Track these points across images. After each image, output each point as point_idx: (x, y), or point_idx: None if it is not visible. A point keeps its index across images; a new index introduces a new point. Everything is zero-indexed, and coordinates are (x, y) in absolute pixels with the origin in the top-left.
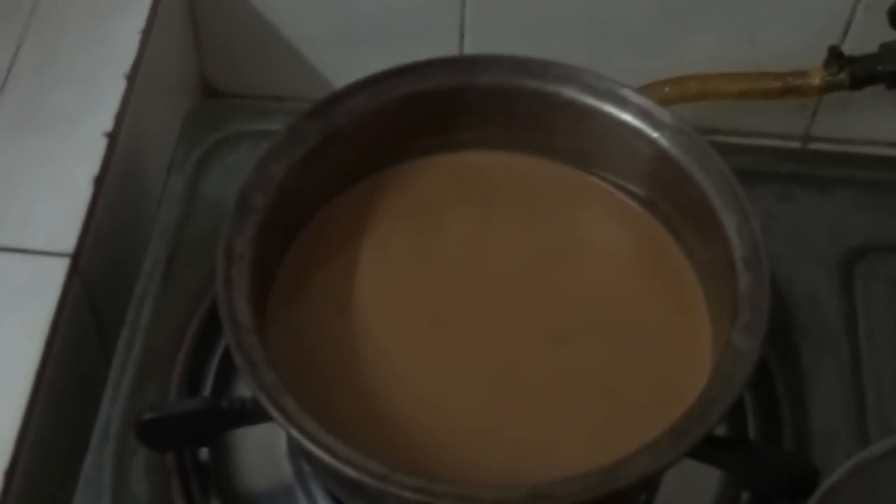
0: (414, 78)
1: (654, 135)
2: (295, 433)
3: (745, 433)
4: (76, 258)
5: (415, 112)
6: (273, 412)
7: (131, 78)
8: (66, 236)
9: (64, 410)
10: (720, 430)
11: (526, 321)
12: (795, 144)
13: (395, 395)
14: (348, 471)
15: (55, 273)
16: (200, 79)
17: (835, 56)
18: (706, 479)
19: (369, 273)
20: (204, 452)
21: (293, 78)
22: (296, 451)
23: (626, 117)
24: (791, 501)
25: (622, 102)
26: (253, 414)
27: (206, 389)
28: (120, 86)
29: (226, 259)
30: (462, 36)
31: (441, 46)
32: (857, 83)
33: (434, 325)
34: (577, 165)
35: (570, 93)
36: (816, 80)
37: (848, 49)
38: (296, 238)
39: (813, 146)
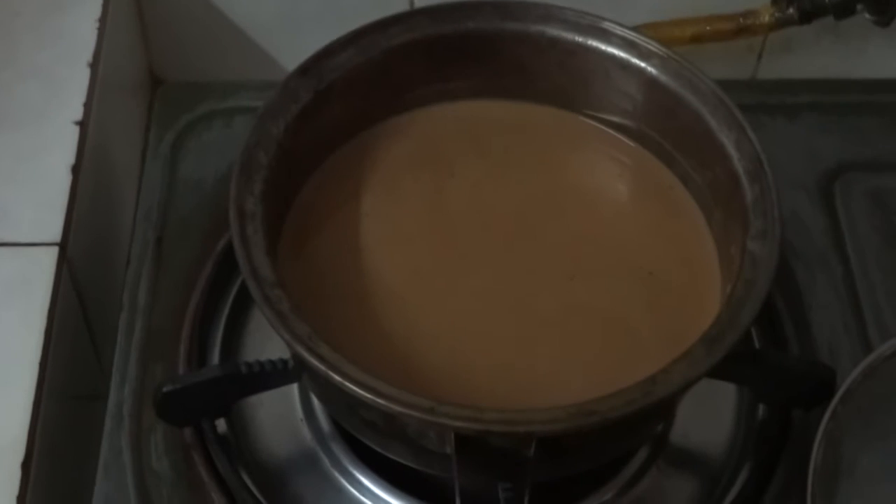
0: (399, 29)
1: (643, 64)
2: (337, 378)
3: (753, 347)
4: (63, 247)
5: (404, 64)
6: (312, 361)
7: (94, 67)
8: (51, 226)
9: (67, 399)
10: None
11: (534, 261)
12: None
13: (408, 334)
14: (395, 408)
15: (44, 263)
16: (147, 69)
17: None
18: (720, 404)
19: (377, 219)
20: (221, 425)
21: (242, 63)
22: (313, 412)
23: (613, 50)
24: (808, 408)
25: (607, 36)
26: (272, 376)
27: (213, 363)
28: (84, 75)
29: (239, 217)
30: (412, 5)
31: None
32: (806, 17)
33: (445, 266)
34: (566, 107)
35: (554, 31)
36: (766, 18)
37: None
38: (301, 191)
39: None
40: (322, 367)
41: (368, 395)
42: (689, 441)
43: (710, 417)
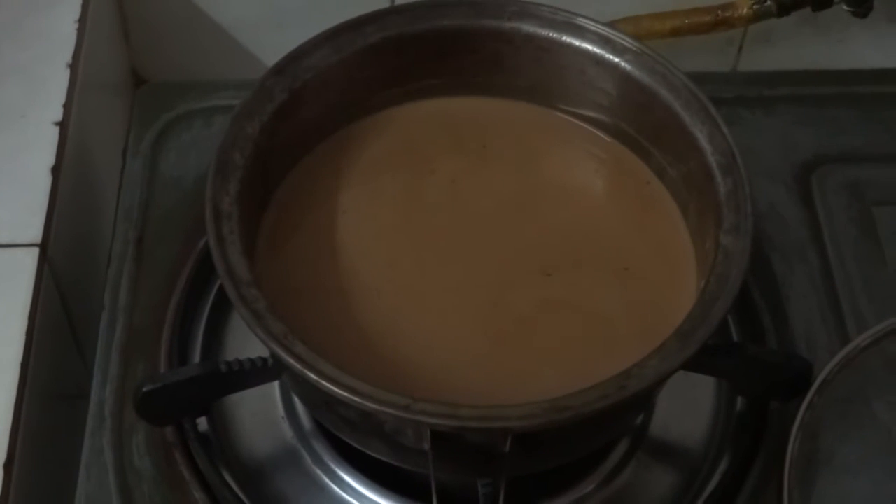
0: (374, 28)
1: (617, 60)
2: (313, 377)
3: (730, 340)
4: (44, 247)
5: (379, 62)
6: (288, 359)
7: (73, 68)
8: (32, 227)
9: (50, 400)
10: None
11: (511, 256)
12: None
13: (385, 330)
14: (371, 405)
15: (25, 264)
16: (130, 70)
17: None
18: (699, 397)
19: (355, 216)
20: (203, 424)
21: (225, 61)
22: (294, 409)
23: (587, 46)
24: (785, 400)
25: (581, 32)
26: (252, 374)
27: (195, 361)
28: (63, 76)
29: (214, 218)
30: (393, 1)
31: None
32: (784, 9)
33: (422, 262)
34: (543, 103)
35: (529, 28)
36: (744, 10)
37: None
38: (278, 189)
39: None
40: (298, 365)
41: (344, 393)
42: (669, 433)
43: (688, 410)
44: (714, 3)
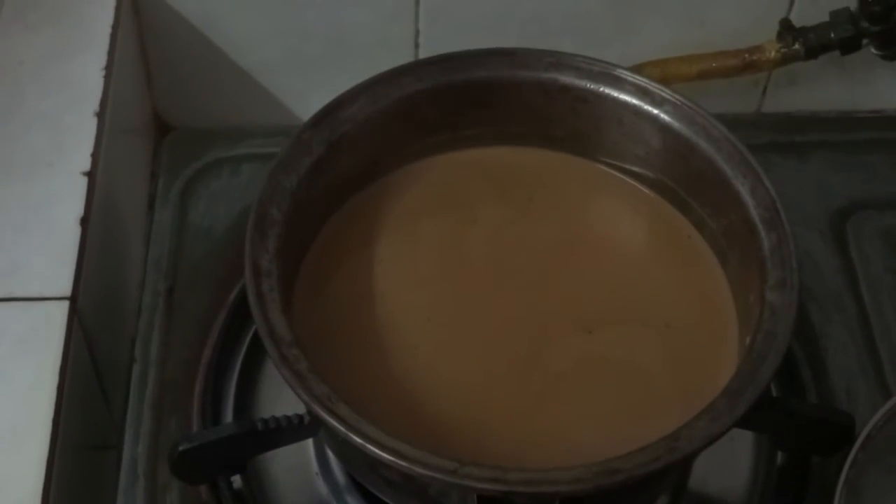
0: (409, 80)
1: (656, 111)
2: (358, 440)
3: (770, 395)
4: (74, 300)
5: (416, 113)
6: (332, 422)
7: (101, 116)
8: (62, 279)
9: (79, 454)
10: None
11: (551, 311)
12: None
13: (422, 384)
14: (417, 470)
15: (55, 317)
16: (152, 114)
17: (787, 28)
18: (738, 451)
19: (391, 266)
20: (237, 481)
21: (249, 106)
22: (328, 465)
23: (625, 97)
24: (828, 455)
25: (619, 83)
26: (288, 432)
27: (227, 416)
28: (91, 124)
29: (254, 276)
30: (417, 45)
31: (397, 58)
32: (812, 53)
33: (461, 315)
34: (581, 154)
35: (566, 78)
36: (772, 54)
37: (796, 20)
38: (315, 239)
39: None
40: (342, 428)
41: (389, 457)
42: (708, 488)
43: (728, 464)
44: (741, 46)
